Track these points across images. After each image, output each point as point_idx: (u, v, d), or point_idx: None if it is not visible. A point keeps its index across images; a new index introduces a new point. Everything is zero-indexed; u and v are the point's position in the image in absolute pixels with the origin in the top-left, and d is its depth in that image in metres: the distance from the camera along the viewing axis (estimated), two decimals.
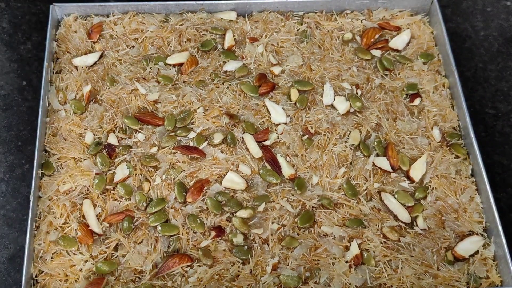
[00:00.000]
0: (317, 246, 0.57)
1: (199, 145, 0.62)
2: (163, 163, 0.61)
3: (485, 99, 0.71)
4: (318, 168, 0.61)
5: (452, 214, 0.60)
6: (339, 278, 0.55)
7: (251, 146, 0.62)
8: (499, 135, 0.69)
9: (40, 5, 0.76)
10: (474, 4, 0.79)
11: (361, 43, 0.71)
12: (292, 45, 0.70)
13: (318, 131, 0.64)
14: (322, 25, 0.72)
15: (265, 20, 0.71)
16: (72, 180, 0.59)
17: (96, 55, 0.67)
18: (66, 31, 0.70)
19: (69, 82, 0.66)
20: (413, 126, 0.65)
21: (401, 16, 0.73)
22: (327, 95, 0.66)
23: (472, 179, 0.62)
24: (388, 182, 0.61)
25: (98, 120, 0.63)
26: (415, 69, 0.69)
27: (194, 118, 0.64)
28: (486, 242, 0.58)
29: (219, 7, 0.72)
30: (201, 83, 0.66)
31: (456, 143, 0.64)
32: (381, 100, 0.66)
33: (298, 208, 0.59)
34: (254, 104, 0.65)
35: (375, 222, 0.58)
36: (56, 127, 0.63)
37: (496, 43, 0.76)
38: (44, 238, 0.56)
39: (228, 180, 0.60)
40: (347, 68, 0.69)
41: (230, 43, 0.69)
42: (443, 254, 0.57)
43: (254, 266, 0.56)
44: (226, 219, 0.58)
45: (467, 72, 0.73)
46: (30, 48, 0.73)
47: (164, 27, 0.70)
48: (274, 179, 0.60)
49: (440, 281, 0.56)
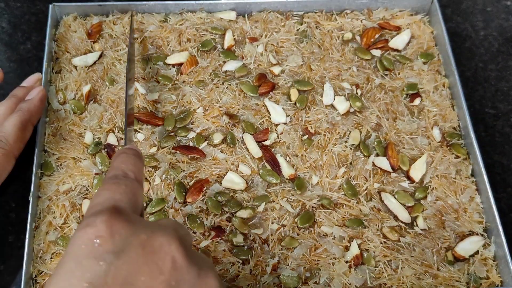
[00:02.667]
0: (317, 246, 0.57)
1: (199, 145, 0.62)
2: (162, 163, 0.61)
3: (485, 99, 0.71)
4: (318, 168, 0.61)
5: (452, 214, 0.59)
6: (339, 278, 0.55)
7: (251, 146, 0.62)
8: (499, 135, 0.69)
9: (40, 4, 0.76)
10: (474, 4, 0.79)
11: (361, 43, 0.71)
12: (292, 45, 0.70)
13: (318, 131, 0.64)
14: (322, 25, 0.72)
15: (265, 20, 0.71)
16: (72, 180, 0.59)
17: (96, 55, 0.67)
18: (65, 31, 0.69)
19: (69, 82, 0.65)
20: (413, 126, 0.65)
21: (401, 16, 0.73)
22: (327, 95, 0.66)
23: (472, 179, 0.62)
24: (388, 182, 0.61)
25: (98, 120, 0.63)
26: (415, 69, 0.69)
27: (193, 118, 0.64)
28: (486, 242, 0.58)
29: (218, 7, 0.72)
30: (201, 83, 0.66)
31: (456, 143, 0.64)
32: (381, 100, 0.66)
33: (298, 208, 0.59)
34: (254, 104, 0.65)
35: (375, 222, 0.58)
36: (55, 127, 0.63)
37: (496, 43, 0.76)
38: (44, 238, 0.56)
39: (228, 180, 0.60)
40: (347, 68, 0.68)
41: (230, 43, 0.69)
42: (443, 254, 0.57)
43: (254, 266, 0.56)
44: (226, 219, 0.58)
45: (467, 72, 0.73)
46: (30, 48, 0.72)
47: (164, 26, 0.70)
48: (274, 179, 0.60)
49: (440, 281, 0.56)
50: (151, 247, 0.32)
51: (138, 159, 0.42)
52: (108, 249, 0.31)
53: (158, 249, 0.32)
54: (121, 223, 0.32)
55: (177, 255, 0.32)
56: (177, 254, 0.32)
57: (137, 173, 0.39)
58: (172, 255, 0.32)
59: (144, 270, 0.31)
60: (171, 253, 0.32)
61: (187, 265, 0.33)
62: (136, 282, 0.30)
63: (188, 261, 0.33)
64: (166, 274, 0.31)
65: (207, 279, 0.34)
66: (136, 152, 0.42)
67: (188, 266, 0.33)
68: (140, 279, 0.30)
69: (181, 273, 0.32)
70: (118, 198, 0.35)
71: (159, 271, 0.31)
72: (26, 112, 0.57)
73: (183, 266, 0.32)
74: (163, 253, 0.32)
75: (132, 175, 0.39)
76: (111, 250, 0.31)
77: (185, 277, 0.32)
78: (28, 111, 0.58)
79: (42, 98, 0.60)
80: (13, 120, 0.56)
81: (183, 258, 0.33)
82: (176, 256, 0.32)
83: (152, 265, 0.31)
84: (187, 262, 0.33)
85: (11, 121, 0.56)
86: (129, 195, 0.36)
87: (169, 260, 0.32)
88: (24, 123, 0.56)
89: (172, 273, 0.32)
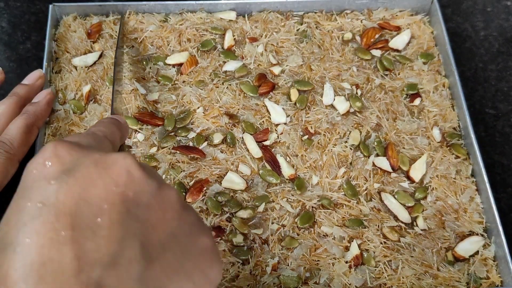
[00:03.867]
0: (317, 246, 0.57)
1: (199, 145, 0.62)
2: (162, 163, 0.61)
3: (485, 99, 0.71)
4: (318, 168, 0.61)
5: (452, 214, 0.59)
6: (339, 278, 0.55)
7: (251, 146, 0.62)
8: (499, 135, 0.69)
9: (40, 4, 0.76)
10: (474, 4, 0.79)
11: (361, 43, 0.71)
12: (292, 45, 0.70)
13: (318, 131, 0.64)
14: (322, 25, 0.72)
15: (265, 20, 0.71)
16: None
17: (96, 55, 0.67)
18: (65, 30, 0.69)
19: (68, 82, 0.65)
20: (413, 126, 0.65)
21: (401, 16, 0.73)
22: (327, 95, 0.66)
23: (472, 179, 0.62)
24: (388, 182, 0.61)
25: (98, 120, 0.63)
26: (415, 69, 0.69)
27: (193, 118, 0.64)
28: (486, 243, 0.58)
29: (218, 7, 0.72)
30: (201, 83, 0.66)
31: (456, 143, 0.64)
32: (381, 100, 0.66)
33: (298, 208, 0.59)
34: (254, 104, 0.65)
35: (375, 223, 0.58)
36: (55, 127, 0.62)
37: (496, 43, 0.76)
38: None
39: (228, 180, 0.60)
40: (347, 68, 0.68)
41: (230, 43, 0.69)
42: (443, 255, 0.57)
43: (254, 267, 0.56)
44: (225, 219, 0.58)
45: (467, 72, 0.73)
46: (30, 47, 0.72)
47: (164, 26, 0.70)
48: (274, 179, 0.60)
49: (440, 281, 0.56)
50: (104, 163, 0.30)
51: (116, 126, 0.41)
52: (59, 169, 0.30)
53: (112, 164, 0.31)
54: (71, 145, 0.31)
55: (132, 168, 0.31)
56: (133, 166, 0.31)
57: (107, 133, 0.39)
58: (127, 169, 0.31)
59: (97, 184, 0.29)
60: (126, 167, 0.31)
61: (145, 177, 0.31)
62: (90, 196, 0.29)
63: (146, 174, 0.31)
64: (121, 186, 0.30)
65: (168, 191, 0.32)
66: (116, 121, 0.42)
67: (147, 178, 0.31)
68: (94, 193, 0.29)
69: (139, 184, 0.31)
70: (76, 140, 0.34)
71: (114, 184, 0.30)
72: (32, 115, 0.57)
73: (141, 177, 0.31)
74: (117, 166, 0.31)
75: (100, 134, 0.38)
76: (61, 169, 0.30)
77: (144, 188, 0.31)
78: (34, 114, 0.57)
79: (49, 101, 0.59)
80: (18, 123, 0.55)
81: (140, 171, 0.31)
82: (132, 169, 0.31)
83: (106, 178, 0.30)
84: (144, 174, 0.31)
85: (16, 124, 0.55)
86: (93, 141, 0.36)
87: (124, 172, 0.30)
88: (29, 127, 0.56)
89: (129, 184, 0.30)
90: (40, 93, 0.60)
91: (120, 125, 0.43)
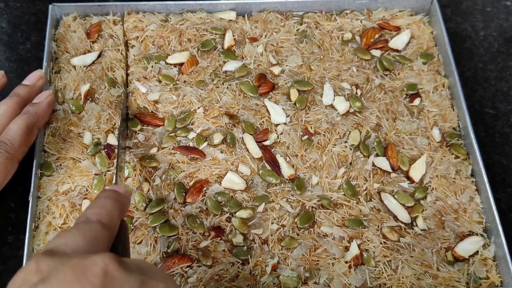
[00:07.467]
0: (317, 246, 0.57)
1: (199, 145, 0.62)
2: (162, 164, 0.61)
3: (485, 99, 0.71)
4: (318, 168, 0.61)
5: (452, 214, 0.59)
6: (339, 278, 0.55)
7: (250, 146, 0.62)
8: (499, 135, 0.69)
9: (39, 4, 0.76)
10: (474, 4, 0.79)
11: (361, 43, 0.71)
12: (291, 45, 0.70)
13: (317, 131, 0.64)
14: (322, 25, 0.72)
15: (265, 20, 0.71)
16: (71, 181, 0.59)
17: (94, 54, 0.67)
18: (65, 31, 0.69)
19: (67, 81, 0.65)
20: (413, 126, 0.65)
21: (401, 16, 0.73)
22: (327, 95, 0.66)
23: (472, 179, 0.62)
24: (388, 182, 0.61)
25: (96, 120, 0.63)
26: (415, 69, 0.69)
27: (194, 119, 0.64)
28: (486, 243, 0.58)
29: (218, 7, 0.72)
30: (201, 83, 0.66)
31: (456, 143, 0.64)
32: (381, 100, 0.66)
33: (298, 208, 0.59)
34: (253, 104, 0.65)
35: (375, 223, 0.58)
36: (54, 127, 0.62)
37: (496, 43, 0.76)
38: (43, 239, 0.56)
39: (227, 180, 0.60)
40: (347, 68, 0.68)
41: (230, 43, 0.69)
42: (443, 255, 0.57)
43: (253, 267, 0.56)
44: (225, 219, 0.58)
45: (467, 72, 0.73)
46: (29, 48, 0.72)
47: (165, 26, 0.70)
48: (273, 180, 0.60)
49: (440, 281, 0.56)
50: (82, 266, 0.31)
51: (114, 201, 0.40)
52: (35, 280, 0.31)
53: (89, 266, 0.31)
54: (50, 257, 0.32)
55: (111, 268, 0.31)
56: (111, 266, 0.31)
57: (102, 215, 0.38)
58: (105, 269, 0.31)
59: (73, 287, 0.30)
60: (104, 267, 0.31)
61: (125, 275, 0.31)
62: None
63: (125, 272, 0.31)
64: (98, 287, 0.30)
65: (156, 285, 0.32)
66: (114, 195, 0.41)
67: (128, 276, 0.31)
68: None
69: (118, 284, 0.31)
70: (62, 242, 0.35)
71: (91, 286, 0.30)
72: (33, 115, 0.57)
73: (120, 277, 0.31)
74: (95, 268, 0.31)
75: (94, 218, 0.38)
76: (37, 280, 0.31)
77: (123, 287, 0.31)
78: (35, 114, 0.57)
79: (50, 102, 0.60)
80: (19, 123, 0.55)
81: (119, 270, 0.31)
82: (110, 269, 0.31)
83: (83, 281, 0.30)
84: (124, 273, 0.31)
85: (17, 124, 0.55)
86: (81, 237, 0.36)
87: (101, 273, 0.31)
88: (30, 127, 0.56)
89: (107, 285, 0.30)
90: (41, 94, 0.60)
91: (120, 197, 0.42)
